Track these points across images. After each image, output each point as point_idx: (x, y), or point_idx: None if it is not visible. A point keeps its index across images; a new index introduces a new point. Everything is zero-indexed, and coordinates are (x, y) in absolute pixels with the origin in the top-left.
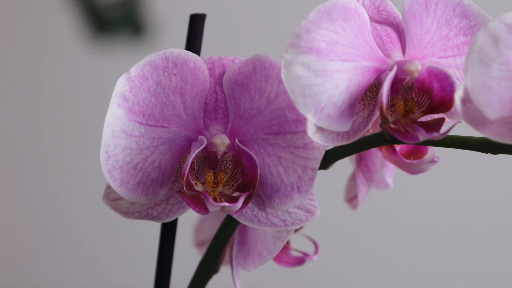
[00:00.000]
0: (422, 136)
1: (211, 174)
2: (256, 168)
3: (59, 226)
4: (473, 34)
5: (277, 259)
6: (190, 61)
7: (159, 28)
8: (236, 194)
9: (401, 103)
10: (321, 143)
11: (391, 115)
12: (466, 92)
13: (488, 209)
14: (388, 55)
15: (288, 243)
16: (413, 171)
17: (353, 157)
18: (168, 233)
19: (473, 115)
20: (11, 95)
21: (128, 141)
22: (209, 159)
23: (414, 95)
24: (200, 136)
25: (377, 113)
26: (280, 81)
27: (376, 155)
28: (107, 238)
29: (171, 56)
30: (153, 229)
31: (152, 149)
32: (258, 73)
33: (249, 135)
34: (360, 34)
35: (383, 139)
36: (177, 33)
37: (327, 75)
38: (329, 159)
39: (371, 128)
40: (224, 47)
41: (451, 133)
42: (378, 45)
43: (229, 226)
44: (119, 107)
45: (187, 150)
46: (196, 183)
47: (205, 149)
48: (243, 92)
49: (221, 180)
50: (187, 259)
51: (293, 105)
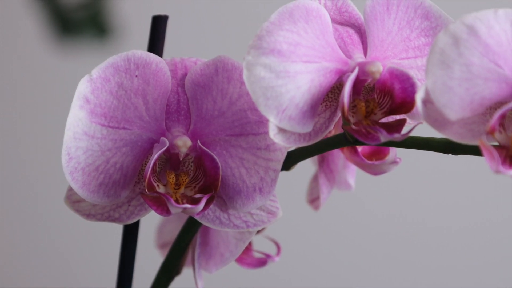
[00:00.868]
0: (383, 137)
1: (173, 175)
2: (218, 169)
3: (20, 227)
4: (434, 35)
5: (239, 260)
6: (152, 63)
7: (124, 29)
8: (198, 195)
9: (363, 104)
10: (283, 144)
11: (353, 116)
12: (427, 93)
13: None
14: (349, 57)
15: (250, 244)
16: (375, 172)
17: (315, 158)
18: (130, 235)
19: (434, 116)
20: None
21: (90, 143)
22: (171, 160)
23: (375, 96)
24: (162, 137)
25: (339, 114)
26: (242, 83)
27: (338, 156)
28: (69, 240)
29: (133, 57)
30: (115, 231)
31: (114, 151)
32: (220, 75)
33: (211, 137)
34: (321, 35)
35: (345, 140)
36: (142, 35)
37: (289, 76)
38: (291, 160)
39: (333, 129)
40: (186, 48)
41: (413, 134)
42: (339, 47)
43: (191, 227)
44: (81, 109)
45: (149, 151)
46: (158, 185)
47: (167, 150)
48: (205, 93)
49: (183, 181)
50: (149, 260)
51: (255, 106)
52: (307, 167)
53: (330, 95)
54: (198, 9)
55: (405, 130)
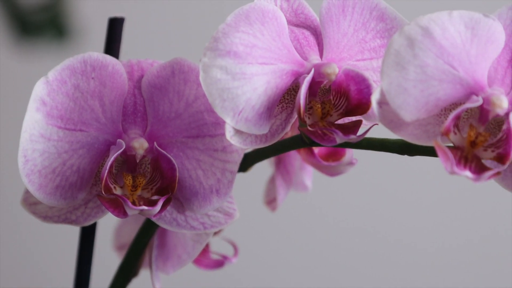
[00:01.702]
0: (339, 138)
1: (129, 177)
2: (174, 171)
3: None
4: (389, 37)
5: (197, 262)
6: (108, 65)
7: (84, 31)
8: (155, 197)
9: (319, 105)
10: (240, 146)
11: (309, 118)
12: (382, 94)
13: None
14: (305, 58)
15: (207, 246)
16: (332, 173)
17: (272, 159)
18: (87, 237)
19: (390, 117)
20: None
21: (46, 145)
22: (128, 162)
23: (331, 98)
24: (118, 139)
25: (295, 116)
26: (198, 85)
27: (294, 157)
28: (27, 242)
29: (90, 59)
30: (73, 233)
31: (70, 153)
32: (176, 77)
33: (168, 139)
34: (278, 37)
35: (301, 142)
36: (101, 37)
37: (245, 78)
38: (248, 161)
39: (290, 130)
40: (143, 50)
41: (369, 135)
42: (296, 48)
43: (148, 229)
44: (37, 111)
45: (105, 153)
46: (114, 187)
47: (124, 152)
48: (162, 95)
49: (140, 183)
50: (106, 262)
51: (211, 108)
52: (264, 168)
53: (286, 97)
54: (154, 11)
55: (361, 131)
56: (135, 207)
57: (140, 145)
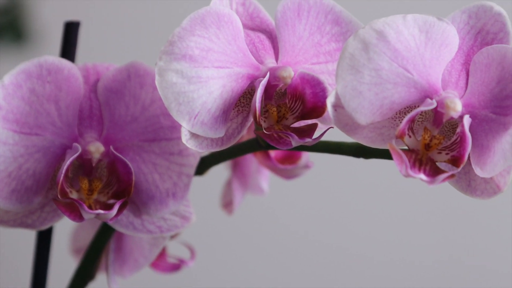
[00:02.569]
0: (295, 141)
1: (86, 181)
2: (130, 175)
3: None
4: (344, 40)
5: (154, 265)
6: (64, 69)
7: (42, 35)
8: (111, 201)
9: (274, 109)
10: (196, 150)
11: (265, 121)
12: (337, 97)
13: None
14: (261, 62)
15: (164, 249)
16: (288, 176)
17: (229, 163)
18: (43, 241)
19: (345, 121)
20: None
21: (1, 149)
22: (84, 166)
23: (287, 101)
24: (74, 143)
25: (251, 119)
26: (154, 88)
27: (251, 161)
28: None
29: (45, 63)
30: (29, 237)
31: (26, 157)
32: (132, 80)
33: (124, 142)
34: (233, 41)
35: (257, 145)
36: (60, 41)
37: (201, 82)
38: (204, 165)
39: (246, 134)
40: (99, 54)
41: (324, 138)
42: (251, 52)
43: (105, 233)
44: None
45: (62, 157)
46: (70, 191)
47: (80, 156)
48: (118, 99)
49: (96, 187)
50: (63, 266)
51: (167, 112)
52: (221, 172)
53: (242, 100)
54: (110, 15)
55: (316, 134)
56: (91, 211)
57: (96, 149)
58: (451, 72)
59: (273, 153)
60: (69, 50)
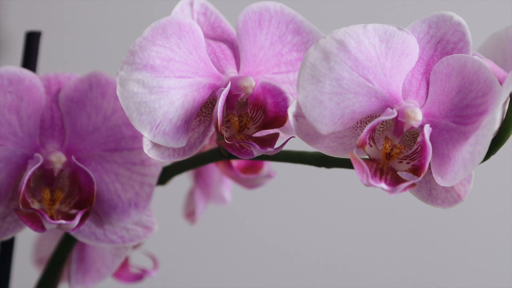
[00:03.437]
0: (256, 151)
1: (47, 191)
2: (92, 185)
3: None
4: (306, 50)
5: (116, 275)
6: (25, 79)
7: (4, 45)
8: (73, 211)
9: (236, 118)
10: (158, 159)
11: (226, 131)
12: (298, 107)
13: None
14: (222, 72)
15: (127, 259)
16: (250, 186)
17: (191, 172)
18: (5, 251)
19: (306, 130)
20: None
21: None
22: (45, 176)
23: (248, 111)
24: (36, 153)
25: (213, 129)
26: (116, 98)
27: (213, 170)
28: None
29: (6, 73)
30: None
31: None
32: (94, 90)
33: (86, 152)
34: (194, 50)
35: (219, 155)
36: (21, 50)
37: (162, 91)
38: (167, 175)
39: (208, 143)
40: (61, 64)
41: (286, 148)
42: (212, 62)
43: (67, 243)
44: None
45: (23, 168)
46: (32, 201)
47: (42, 166)
48: (80, 109)
49: (58, 197)
50: (26, 276)
51: (129, 122)
52: (183, 181)
53: (203, 110)
54: (72, 25)
55: (278, 144)
56: (53, 221)
57: (57, 159)
58: (412, 81)
59: (235, 162)
60: (30, 60)
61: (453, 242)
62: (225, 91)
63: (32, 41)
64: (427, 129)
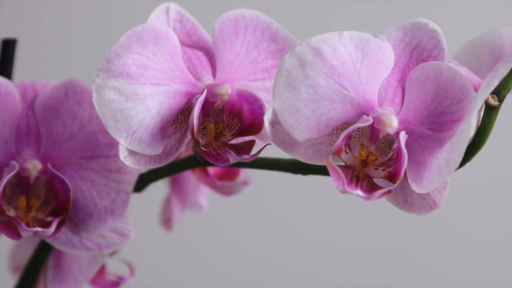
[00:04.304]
0: (232, 158)
1: (23, 199)
2: (68, 192)
3: None
4: (281, 57)
5: (93, 282)
6: (1, 86)
7: None
8: (49, 218)
9: (212, 126)
10: (134, 167)
11: (202, 138)
12: (274, 114)
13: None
14: (198, 79)
15: (103, 266)
16: (226, 192)
17: (167, 179)
18: None
19: (282, 137)
20: None
21: None
22: (21, 184)
23: (225, 118)
24: (12, 161)
25: (189, 136)
26: (92, 106)
27: (189, 177)
28: None
29: None
30: None
31: None
32: (70, 98)
33: (62, 160)
34: (170, 58)
35: (196, 162)
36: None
37: (138, 99)
38: (143, 182)
39: (184, 151)
40: (37, 72)
41: (262, 155)
42: (189, 69)
43: (43, 250)
44: None
45: None
46: (8, 208)
47: (18, 174)
48: (56, 116)
49: (34, 205)
50: (2, 283)
51: (105, 129)
52: (159, 188)
53: (180, 117)
54: (48, 32)
55: (254, 151)
56: (29, 229)
57: (33, 166)
58: (387, 88)
59: (211, 169)
60: (6, 67)
61: (433, 254)
62: (201, 98)
63: (7, 48)
64: (403, 136)
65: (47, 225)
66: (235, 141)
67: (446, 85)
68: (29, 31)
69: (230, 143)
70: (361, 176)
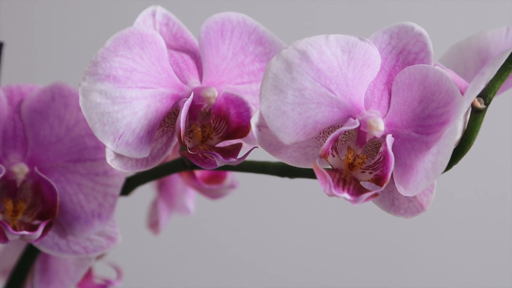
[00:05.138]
0: (219, 161)
1: (10, 202)
2: (55, 195)
3: None
4: (268, 60)
5: (80, 286)
6: None
7: None
8: (36, 222)
9: (199, 129)
10: (121, 170)
11: (189, 141)
12: (261, 117)
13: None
14: (185, 82)
15: (90, 270)
16: (213, 196)
17: (154, 183)
18: None
19: (269, 140)
20: None
21: None
22: (8, 187)
23: (211, 121)
24: None
25: (176, 139)
26: (79, 109)
27: (176, 181)
28: None
29: None
30: None
31: None
32: (57, 101)
33: (49, 163)
34: (157, 61)
35: (183, 165)
36: None
37: (125, 102)
38: (130, 185)
39: (171, 154)
40: (23, 75)
41: (249, 158)
42: (175, 72)
43: (30, 254)
44: None
45: None
46: None
47: (4, 177)
48: (42, 120)
49: (21, 208)
50: None
51: (92, 132)
52: (147, 192)
53: (166, 120)
54: (35, 35)
55: (241, 154)
56: (16, 232)
57: (20, 169)
58: (374, 91)
59: (198, 173)
60: None
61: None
62: (188, 102)
63: None
64: (389, 139)
65: (34, 228)
66: (222, 144)
67: (432, 88)
68: (16, 34)
69: (217, 146)
70: (348, 179)
